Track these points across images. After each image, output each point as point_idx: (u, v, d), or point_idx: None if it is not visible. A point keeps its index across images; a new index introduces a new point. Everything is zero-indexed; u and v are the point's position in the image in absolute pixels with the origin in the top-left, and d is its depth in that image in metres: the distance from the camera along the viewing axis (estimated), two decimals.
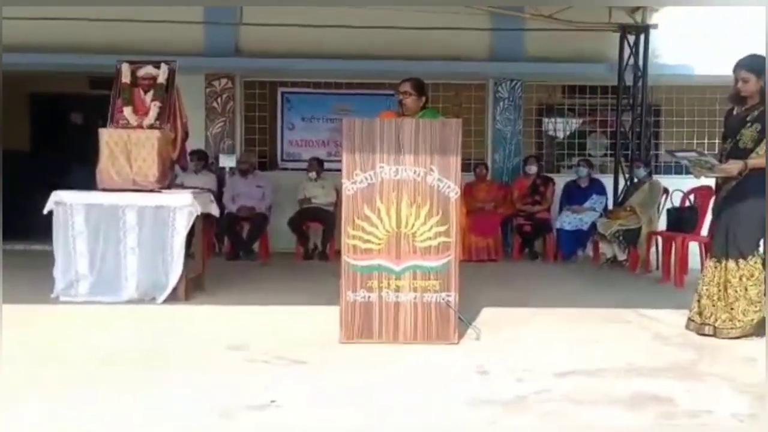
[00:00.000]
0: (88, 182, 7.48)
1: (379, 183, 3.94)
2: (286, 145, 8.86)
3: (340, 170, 8.41)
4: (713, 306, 4.18)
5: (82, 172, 8.77)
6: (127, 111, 5.25)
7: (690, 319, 4.34)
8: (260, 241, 7.93)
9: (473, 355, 3.75)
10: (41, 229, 8.70)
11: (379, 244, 3.95)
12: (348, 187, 3.96)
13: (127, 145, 5.09)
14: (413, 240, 3.94)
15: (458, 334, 3.98)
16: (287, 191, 8.29)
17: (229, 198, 7.84)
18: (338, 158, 8.70)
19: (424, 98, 4.52)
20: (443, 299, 3.95)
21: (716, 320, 4.15)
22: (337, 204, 8.18)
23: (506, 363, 3.58)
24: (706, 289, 4.23)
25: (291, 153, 8.87)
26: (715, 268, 4.20)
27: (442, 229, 3.95)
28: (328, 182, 8.22)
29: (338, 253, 7.80)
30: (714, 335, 4.13)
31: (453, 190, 3.95)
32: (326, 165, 8.39)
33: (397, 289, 3.94)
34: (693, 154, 4.22)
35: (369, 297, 3.95)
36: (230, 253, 7.83)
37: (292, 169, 8.76)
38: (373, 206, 3.94)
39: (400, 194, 3.94)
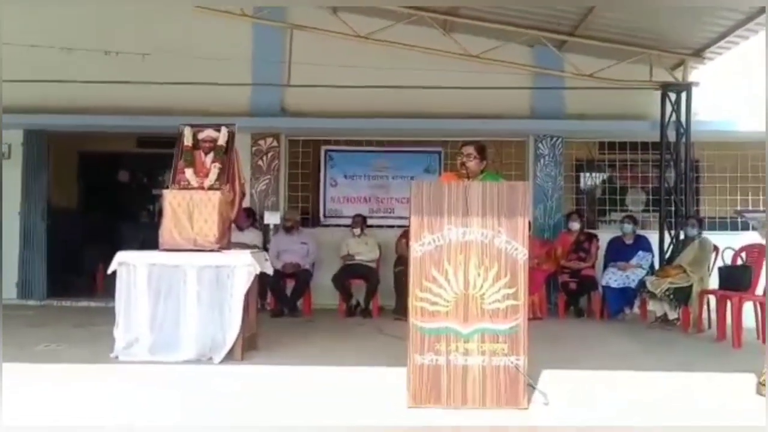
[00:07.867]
0: (133, 239, 7.65)
1: (447, 245, 3.95)
2: (329, 202, 8.96)
3: (382, 226, 8.66)
4: None
5: (128, 230, 8.99)
6: (189, 172, 5.36)
7: (761, 383, 4.23)
8: (303, 297, 7.95)
9: (546, 423, 3.69)
10: (91, 286, 8.88)
11: (447, 306, 3.93)
12: (416, 249, 3.97)
13: (189, 205, 5.16)
14: (481, 302, 3.92)
15: (527, 399, 3.92)
16: (330, 247, 8.35)
17: (274, 255, 7.89)
18: (380, 215, 8.91)
19: (485, 162, 4.56)
20: (512, 363, 3.90)
21: None
22: (380, 260, 8.23)
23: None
24: None
25: (333, 209, 8.96)
26: None
27: (511, 291, 3.93)
28: (372, 239, 8.27)
29: (381, 309, 8.02)
30: None
31: (521, 253, 3.94)
32: (369, 221, 8.47)
33: (466, 353, 3.90)
34: (762, 215, 4.21)
35: (437, 360, 3.91)
36: (275, 309, 7.85)
37: (335, 226, 8.84)
38: (440, 268, 3.94)
39: (468, 256, 3.94)
